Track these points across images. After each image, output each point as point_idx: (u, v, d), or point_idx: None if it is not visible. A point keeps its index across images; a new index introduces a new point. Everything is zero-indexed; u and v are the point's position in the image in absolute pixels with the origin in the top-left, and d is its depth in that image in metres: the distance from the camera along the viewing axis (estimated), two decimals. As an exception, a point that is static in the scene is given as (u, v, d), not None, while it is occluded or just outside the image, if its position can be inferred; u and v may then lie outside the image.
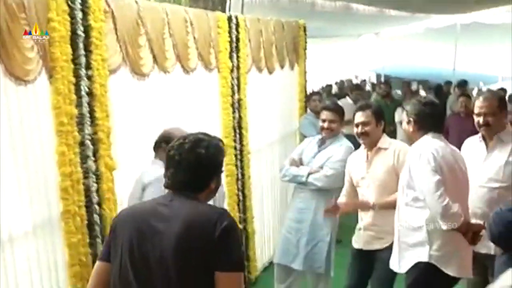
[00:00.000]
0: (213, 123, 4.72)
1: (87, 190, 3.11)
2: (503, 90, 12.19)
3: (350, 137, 4.34)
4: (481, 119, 3.39)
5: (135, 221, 1.99)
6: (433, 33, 13.22)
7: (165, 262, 1.89)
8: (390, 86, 9.05)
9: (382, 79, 16.10)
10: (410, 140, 3.25)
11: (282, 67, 5.95)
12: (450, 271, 2.96)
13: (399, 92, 12.49)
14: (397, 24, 13.08)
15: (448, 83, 12.08)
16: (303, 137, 6.24)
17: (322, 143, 4.26)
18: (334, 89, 15.80)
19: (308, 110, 6.40)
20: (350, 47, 18.12)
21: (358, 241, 3.77)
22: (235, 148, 4.95)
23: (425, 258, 2.97)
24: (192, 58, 4.31)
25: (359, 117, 3.70)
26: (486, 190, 3.27)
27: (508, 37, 13.19)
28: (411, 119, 3.20)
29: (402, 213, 3.14)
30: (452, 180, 2.98)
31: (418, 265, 3.01)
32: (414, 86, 15.65)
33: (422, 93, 14.41)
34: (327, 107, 4.28)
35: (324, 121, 4.21)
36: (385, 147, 3.68)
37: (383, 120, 3.77)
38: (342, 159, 4.03)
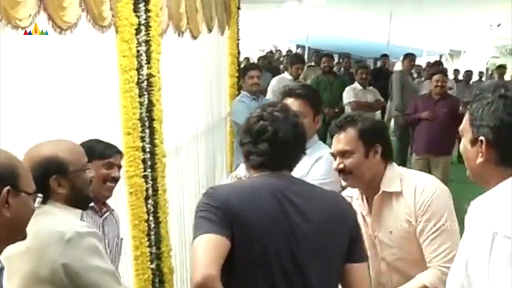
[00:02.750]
0: (108, 114, 3.01)
1: None
2: (439, 62, 11.27)
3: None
4: None
5: (265, 207, 1.68)
6: (365, 2, 12.03)
7: (309, 253, 1.68)
8: (333, 60, 7.58)
9: (306, 51, 14.77)
10: (478, 176, 1.42)
11: (210, 29, 4.28)
12: None
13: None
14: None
15: (385, 56, 10.82)
16: (236, 127, 4.65)
17: None
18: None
19: (243, 91, 4.79)
20: (270, 16, 16.57)
21: None
22: (143, 150, 3.26)
23: None
24: (69, 7, 2.55)
25: (337, 142, 2.18)
26: None
27: (438, 10, 12.39)
28: (483, 136, 1.34)
29: None
30: None
31: None
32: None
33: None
34: (293, 92, 2.63)
35: None
36: (395, 190, 2.13)
37: (380, 142, 2.18)
38: (326, 180, 2.47)
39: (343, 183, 2.24)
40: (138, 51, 3.19)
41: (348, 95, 6.51)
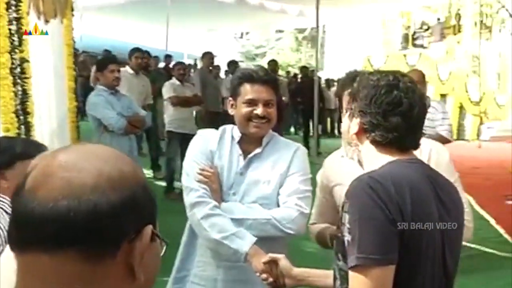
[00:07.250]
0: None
1: None
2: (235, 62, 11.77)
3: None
4: None
5: (429, 198, 1.51)
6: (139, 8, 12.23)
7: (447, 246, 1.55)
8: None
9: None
10: None
11: (55, 14, 3.76)
12: None
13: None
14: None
15: (168, 57, 11.24)
16: (96, 122, 4.26)
17: (248, 149, 2.19)
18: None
19: (98, 85, 4.42)
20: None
21: None
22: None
23: None
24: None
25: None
26: None
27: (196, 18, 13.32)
28: None
29: None
30: None
31: None
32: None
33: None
34: (260, 78, 2.16)
35: (255, 103, 2.15)
36: None
37: None
38: (309, 177, 2.22)
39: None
40: (9, 30, 2.67)
41: (168, 91, 6.50)
